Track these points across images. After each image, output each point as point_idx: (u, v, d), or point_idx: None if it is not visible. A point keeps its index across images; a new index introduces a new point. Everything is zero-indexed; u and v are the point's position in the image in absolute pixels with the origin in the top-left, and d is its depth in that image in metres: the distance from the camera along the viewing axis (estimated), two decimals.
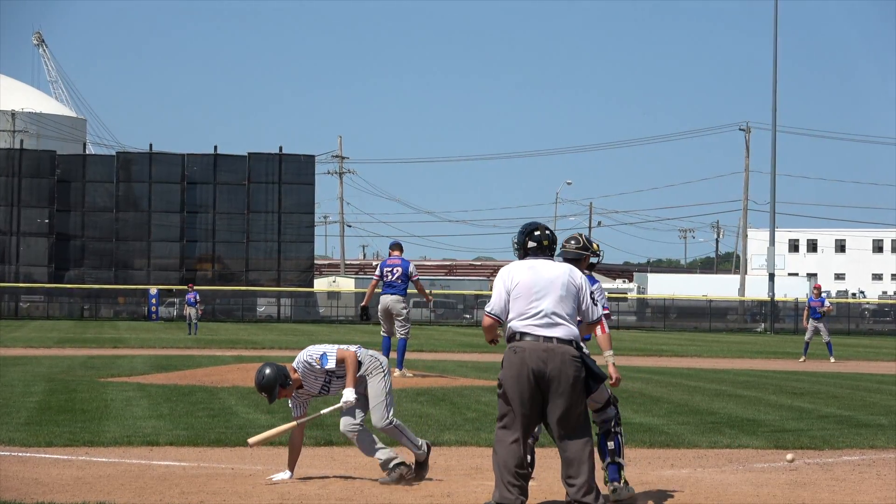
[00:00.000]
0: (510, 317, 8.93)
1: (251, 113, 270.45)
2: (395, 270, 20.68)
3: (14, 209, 72.21)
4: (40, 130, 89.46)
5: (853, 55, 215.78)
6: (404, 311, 20.86)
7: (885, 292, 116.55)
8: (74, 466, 11.11)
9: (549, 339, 8.79)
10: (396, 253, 20.89)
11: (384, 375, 10.62)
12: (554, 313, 8.86)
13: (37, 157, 74.29)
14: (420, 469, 10.67)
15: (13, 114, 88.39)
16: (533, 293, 8.90)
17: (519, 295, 8.92)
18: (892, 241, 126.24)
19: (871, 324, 74.65)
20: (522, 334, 8.85)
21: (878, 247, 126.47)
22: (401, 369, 20.88)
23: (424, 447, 10.66)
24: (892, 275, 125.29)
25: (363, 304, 21.94)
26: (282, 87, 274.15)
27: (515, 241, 9.22)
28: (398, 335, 20.88)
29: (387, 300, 20.76)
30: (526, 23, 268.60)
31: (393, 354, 20.93)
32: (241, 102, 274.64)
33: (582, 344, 9.14)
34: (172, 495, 9.92)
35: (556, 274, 8.98)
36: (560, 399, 8.78)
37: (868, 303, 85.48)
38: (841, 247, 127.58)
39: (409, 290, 21.04)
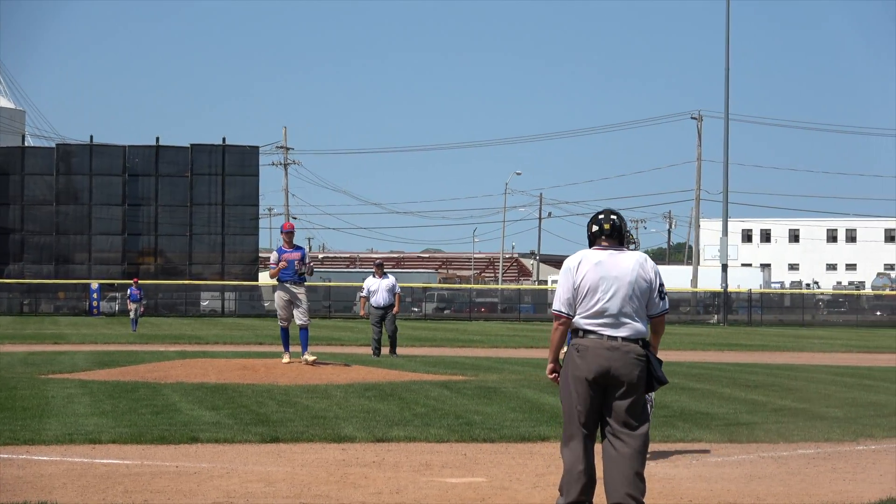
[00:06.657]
0: (577, 311, 8.62)
1: (193, 103, 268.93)
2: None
3: None
4: None
5: (823, 43, 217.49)
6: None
7: (839, 283, 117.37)
8: (15, 465, 10.91)
9: (614, 338, 8.53)
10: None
11: None
12: (621, 313, 8.55)
13: None
14: None
15: None
16: (599, 290, 8.56)
17: (585, 292, 8.58)
18: (847, 230, 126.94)
19: (826, 315, 74.43)
20: (586, 331, 8.58)
21: (832, 237, 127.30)
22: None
23: None
24: (847, 265, 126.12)
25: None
26: (225, 76, 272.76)
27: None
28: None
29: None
30: (474, 11, 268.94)
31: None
32: (183, 92, 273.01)
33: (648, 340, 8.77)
34: (116, 494, 9.73)
35: (625, 269, 8.57)
36: (620, 399, 8.57)
37: (822, 293, 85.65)
38: (795, 237, 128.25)
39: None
